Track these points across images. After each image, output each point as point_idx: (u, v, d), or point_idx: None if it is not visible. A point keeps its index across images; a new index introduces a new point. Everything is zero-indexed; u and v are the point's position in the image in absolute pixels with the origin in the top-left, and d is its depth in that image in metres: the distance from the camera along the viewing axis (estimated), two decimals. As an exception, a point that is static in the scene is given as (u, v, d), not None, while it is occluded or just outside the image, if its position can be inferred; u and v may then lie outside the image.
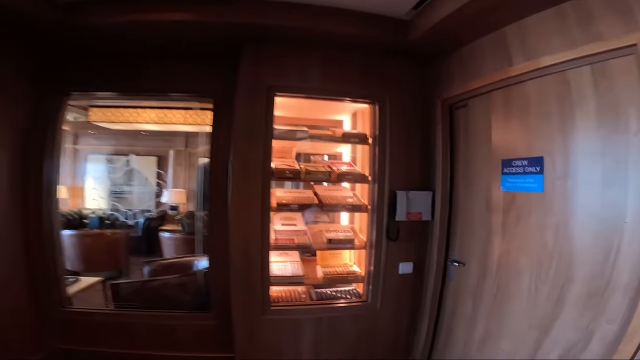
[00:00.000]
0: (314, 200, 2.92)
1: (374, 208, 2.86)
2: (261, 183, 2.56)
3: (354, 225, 3.36)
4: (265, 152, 2.57)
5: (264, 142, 2.58)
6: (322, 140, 2.92)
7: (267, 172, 2.58)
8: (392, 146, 2.79)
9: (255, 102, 2.60)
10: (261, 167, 2.54)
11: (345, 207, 2.92)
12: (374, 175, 2.86)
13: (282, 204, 2.76)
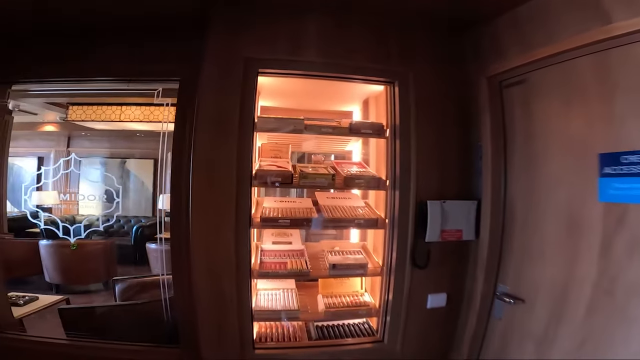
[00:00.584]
0: (311, 212, 2.15)
1: (393, 223, 2.07)
2: (235, 190, 1.81)
3: (367, 242, 2.59)
4: (241, 148, 1.83)
5: (241, 135, 1.84)
6: (323, 133, 2.16)
7: (245, 176, 1.84)
8: (419, 139, 2.00)
9: (228, 80, 1.86)
10: (235, 168, 1.80)
11: (355, 223, 2.14)
12: (394, 178, 2.07)
13: (268, 218, 2.01)
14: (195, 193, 1.74)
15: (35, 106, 5.06)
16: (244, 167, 1.82)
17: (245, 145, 1.83)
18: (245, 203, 1.82)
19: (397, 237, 2.03)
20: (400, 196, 1.99)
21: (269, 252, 2.30)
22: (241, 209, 1.81)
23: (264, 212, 2.08)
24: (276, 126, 2.06)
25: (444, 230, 1.93)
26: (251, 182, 1.89)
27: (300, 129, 2.09)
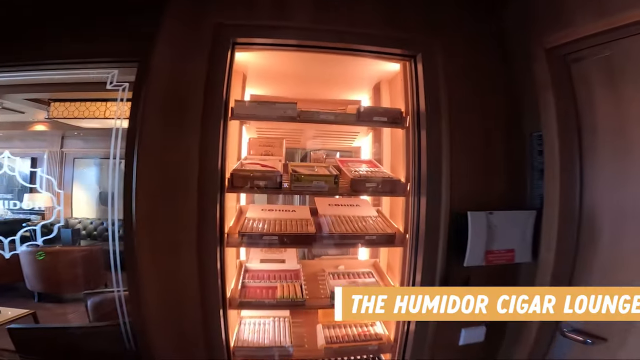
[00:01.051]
0: (308, 226, 1.63)
1: (417, 240, 1.54)
2: (197, 198, 1.30)
3: (379, 259, 2.05)
4: (207, 142, 1.31)
5: (207, 124, 1.32)
6: (323, 122, 1.63)
7: (212, 179, 1.32)
8: (453, 129, 1.46)
9: (191, 53, 1.35)
10: (196, 169, 1.28)
11: (365, 240, 1.60)
12: (417, 181, 1.54)
13: (249, 233, 1.49)
14: (140, 203, 1.23)
15: (18, 104, 4.66)
16: (211, 167, 1.30)
17: (212, 138, 1.31)
18: (211, 214, 1.31)
19: (423, 258, 1.49)
20: (428, 205, 1.45)
21: (255, 274, 1.79)
22: (206, 223, 1.30)
23: (245, 226, 1.57)
24: (260, 112, 1.54)
25: (489, 252, 1.39)
26: (223, 187, 1.38)
27: (292, 115, 1.57)
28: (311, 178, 1.52)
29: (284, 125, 2.11)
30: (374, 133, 2.19)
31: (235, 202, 1.86)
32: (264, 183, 1.48)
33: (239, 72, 1.86)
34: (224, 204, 1.40)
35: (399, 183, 1.63)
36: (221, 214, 1.39)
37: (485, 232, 1.36)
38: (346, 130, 2.25)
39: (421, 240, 1.50)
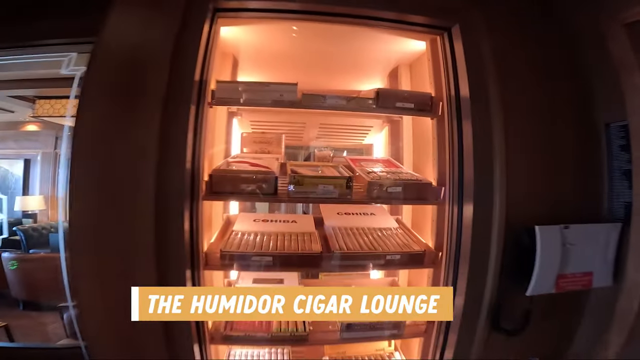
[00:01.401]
0: (311, 242, 1.26)
1: (455, 261, 1.18)
2: (153, 206, 0.91)
3: (398, 278, 1.69)
4: (171, 132, 0.94)
5: (174, 109, 0.95)
6: (330, 108, 1.26)
7: (178, 181, 0.95)
8: (507, 120, 1.09)
9: (155, 21, 1.00)
10: (153, 167, 0.91)
11: (385, 260, 1.21)
12: (454, 184, 1.18)
13: (233, 253, 1.13)
14: (77, 209, 0.85)
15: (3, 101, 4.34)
16: (175, 164, 0.94)
17: (178, 127, 0.95)
18: (174, 228, 0.94)
19: (467, 284, 1.12)
20: (476, 215, 1.07)
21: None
22: (169, 239, 0.93)
23: (230, 242, 1.21)
24: (250, 96, 1.19)
25: (562, 276, 1.01)
26: (196, 192, 1.02)
27: (292, 100, 1.21)
28: (316, 181, 1.16)
29: (282, 116, 1.76)
30: (390, 127, 1.83)
31: (221, 210, 1.50)
32: (254, 187, 1.12)
33: (228, 55, 1.51)
34: (199, 213, 1.04)
35: (431, 187, 1.26)
36: (194, 227, 1.03)
37: (559, 251, 0.99)
38: (357, 125, 1.89)
39: (463, 261, 1.14)
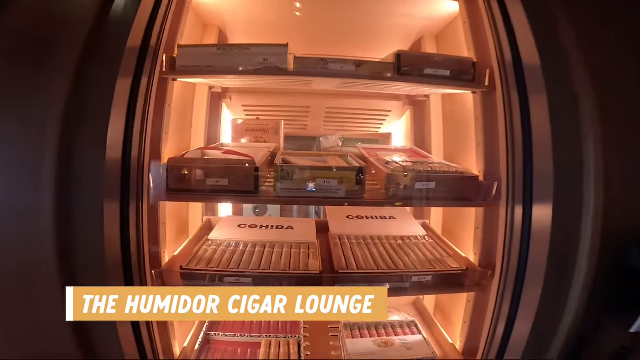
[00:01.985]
0: (309, 258, 0.91)
1: (513, 281, 0.81)
2: (54, 216, 0.58)
3: (423, 297, 1.32)
4: (89, 106, 0.61)
5: (97, 76, 0.62)
6: (333, 75, 0.91)
7: (96, 173, 0.60)
8: (600, 95, 0.68)
9: None
10: (55, 151, 0.57)
11: (411, 283, 0.86)
12: (515, 179, 0.81)
13: (193, 271, 0.80)
14: None
15: None
16: (93, 150, 0.61)
17: (100, 100, 0.62)
18: (95, 235, 0.60)
19: (536, 314, 0.75)
20: (556, 221, 0.68)
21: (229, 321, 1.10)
22: (81, 256, 0.60)
23: (197, 257, 0.88)
24: (223, 62, 0.86)
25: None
26: (135, 191, 0.70)
27: (281, 66, 0.87)
28: (313, 174, 0.82)
29: (280, 98, 1.43)
30: (413, 111, 1.47)
31: (201, 211, 1.18)
32: (224, 183, 0.79)
33: (211, 27, 1.19)
34: (143, 217, 0.73)
35: (477, 183, 0.89)
36: (137, 237, 0.71)
37: None
38: (373, 109, 1.53)
39: (531, 283, 0.77)
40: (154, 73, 0.79)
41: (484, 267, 0.94)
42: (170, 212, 0.97)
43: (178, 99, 1.05)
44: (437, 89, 1.11)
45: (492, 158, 0.91)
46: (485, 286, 0.92)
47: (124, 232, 0.69)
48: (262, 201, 0.85)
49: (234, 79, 1.06)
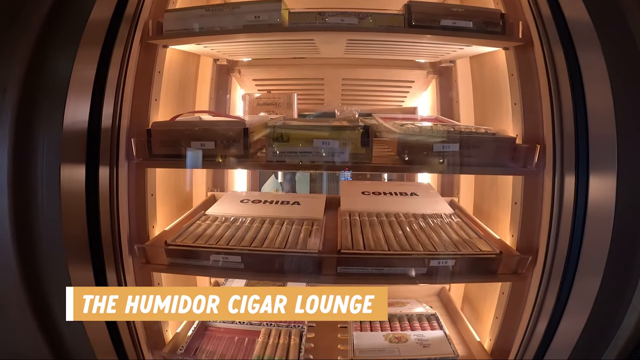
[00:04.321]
0: (312, 235, 0.74)
1: (563, 268, 0.60)
2: (11, 183, 0.48)
3: (448, 285, 1.11)
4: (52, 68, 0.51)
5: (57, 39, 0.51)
6: (336, 28, 0.73)
7: (53, 142, 0.49)
8: None
9: None
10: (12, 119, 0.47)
11: (425, 269, 0.66)
12: (564, 144, 0.60)
13: (180, 247, 0.67)
14: None
15: None
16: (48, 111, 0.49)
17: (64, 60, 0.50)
18: (51, 207, 0.49)
19: (592, 306, 0.55)
20: (621, 193, 0.47)
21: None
22: (46, 225, 0.49)
23: (187, 232, 0.75)
24: (209, 23, 0.72)
25: None
26: (113, 154, 0.58)
27: (272, 21, 0.71)
28: (310, 134, 0.65)
29: (292, 70, 1.27)
30: (439, 81, 1.24)
31: (204, 185, 1.06)
32: (210, 146, 0.65)
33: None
34: (118, 185, 0.61)
35: (514, 146, 0.68)
36: (111, 208, 0.60)
37: None
38: (393, 80, 1.31)
39: (585, 271, 0.57)
40: (132, 40, 0.67)
41: (523, 251, 0.72)
42: (167, 185, 0.86)
43: (177, 70, 0.94)
44: (460, 44, 0.87)
45: (533, 119, 0.70)
46: (524, 275, 0.71)
47: (91, 201, 0.57)
48: (253, 167, 0.71)
49: (230, 44, 0.93)
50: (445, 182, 1.08)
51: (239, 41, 0.90)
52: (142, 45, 0.73)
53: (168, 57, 0.85)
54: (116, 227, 0.62)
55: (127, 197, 0.67)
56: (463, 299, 1.06)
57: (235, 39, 0.84)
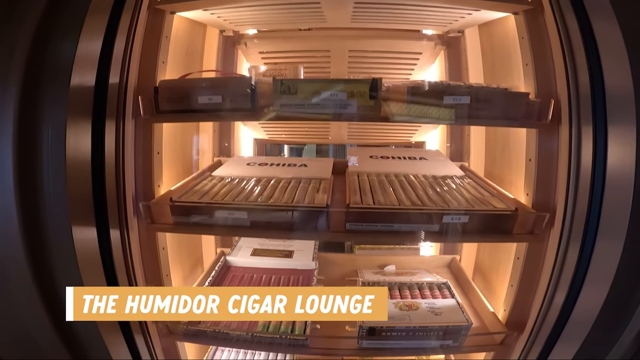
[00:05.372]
0: (319, 191, 0.70)
1: (584, 226, 0.56)
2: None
3: (459, 255, 1.07)
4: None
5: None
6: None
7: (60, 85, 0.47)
8: None
9: None
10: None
11: (437, 225, 0.61)
12: (580, 98, 0.58)
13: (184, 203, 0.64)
14: None
15: None
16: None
17: None
18: (57, 152, 0.47)
19: (617, 270, 0.51)
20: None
21: (238, 274, 0.94)
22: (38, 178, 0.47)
23: (192, 190, 0.72)
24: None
25: None
26: (121, 108, 0.56)
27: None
28: (318, 86, 0.62)
29: (299, 42, 1.22)
30: (447, 52, 1.19)
31: (210, 152, 1.03)
32: (217, 100, 0.62)
33: None
34: (125, 141, 0.59)
35: (528, 101, 0.64)
36: (117, 164, 0.57)
37: None
38: (400, 51, 1.26)
39: (606, 235, 0.52)
40: (139, 6, 0.64)
41: (539, 210, 0.68)
42: (174, 148, 0.83)
43: (183, 40, 0.91)
44: (469, 8, 0.83)
45: (545, 78, 0.67)
46: (541, 236, 0.67)
47: (97, 158, 0.55)
48: (257, 118, 0.67)
49: (235, 11, 0.91)
50: (454, 148, 1.03)
51: (245, 5, 0.87)
52: (150, 12, 0.71)
53: (175, 26, 0.82)
54: (121, 185, 0.59)
55: (132, 155, 0.64)
56: (474, 271, 1.02)
57: (240, 2, 0.81)
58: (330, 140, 1.23)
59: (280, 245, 1.00)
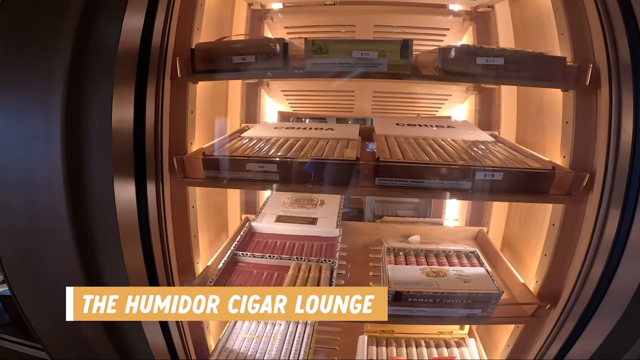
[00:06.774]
0: (348, 148, 0.69)
1: (626, 184, 0.52)
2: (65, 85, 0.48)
3: (487, 227, 1.03)
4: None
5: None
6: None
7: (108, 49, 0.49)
8: None
9: None
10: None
11: (470, 182, 0.58)
12: (618, 63, 0.55)
13: (216, 157, 0.64)
14: None
15: None
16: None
17: None
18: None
19: None
20: None
21: (263, 241, 0.94)
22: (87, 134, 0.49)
23: (224, 147, 0.73)
24: None
25: None
26: (145, 75, 0.56)
27: None
28: (349, 46, 0.60)
29: (321, 16, 1.20)
30: (475, 27, 1.14)
31: (238, 118, 1.03)
32: (250, 59, 0.62)
33: None
34: (163, 100, 0.60)
35: (565, 66, 0.61)
36: (156, 121, 0.58)
37: None
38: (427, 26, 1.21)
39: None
40: None
41: (577, 171, 0.64)
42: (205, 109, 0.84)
43: (214, 12, 0.91)
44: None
45: (582, 44, 0.63)
46: (579, 198, 0.63)
47: (138, 114, 0.55)
48: (291, 75, 0.67)
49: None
50: (483, 117, 0.99)
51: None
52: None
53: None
54: (159, 141, 0.59)
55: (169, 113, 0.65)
56: (502, 243, 0.98)
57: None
58: (354, 114, 1.21)
59: (304, 212, 1.00)
